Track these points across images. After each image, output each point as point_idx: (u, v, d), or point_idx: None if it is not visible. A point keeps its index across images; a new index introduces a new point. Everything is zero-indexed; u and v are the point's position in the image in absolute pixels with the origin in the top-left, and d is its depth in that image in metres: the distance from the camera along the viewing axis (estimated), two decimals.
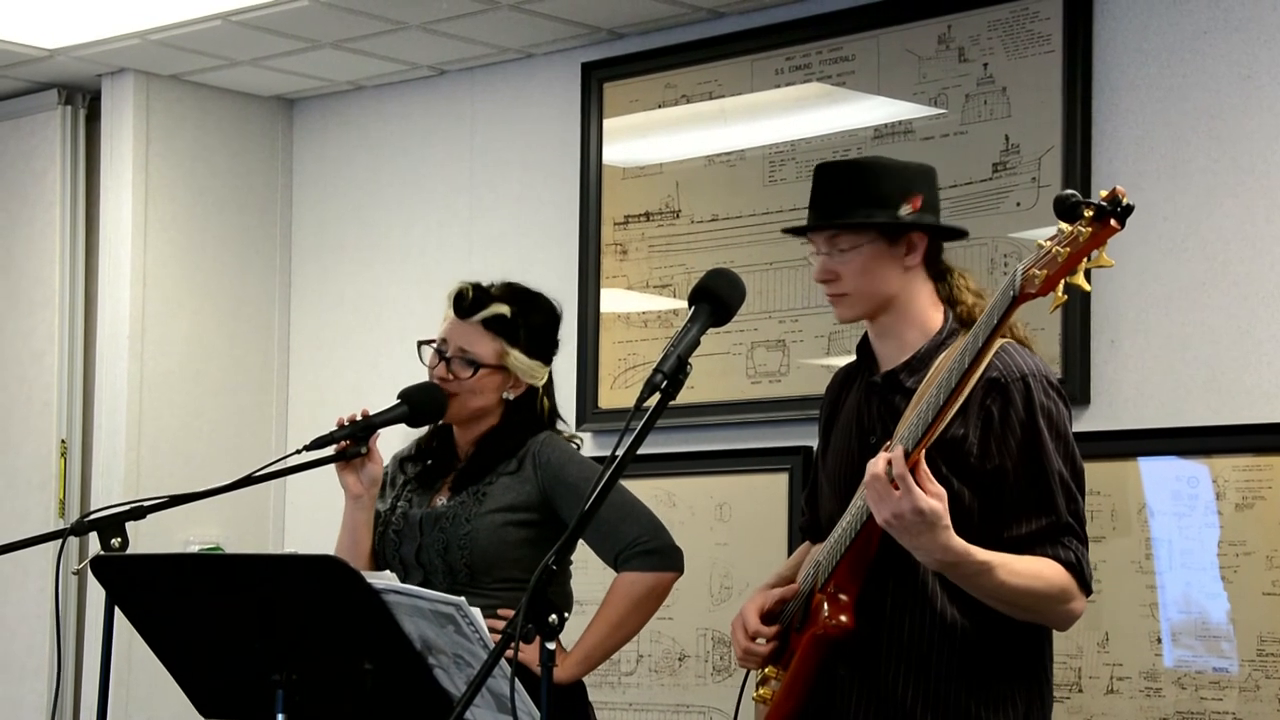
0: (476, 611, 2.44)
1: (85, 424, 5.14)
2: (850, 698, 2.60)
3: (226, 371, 5.16)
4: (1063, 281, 2.29)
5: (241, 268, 5.21)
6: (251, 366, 5.21)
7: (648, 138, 4.59)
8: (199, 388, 5.10)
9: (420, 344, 3.23)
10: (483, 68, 4.91)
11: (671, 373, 2.35)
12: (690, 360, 2.38)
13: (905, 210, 2.59)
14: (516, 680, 2.24)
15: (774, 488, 4.27)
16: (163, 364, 5.04)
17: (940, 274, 2.67)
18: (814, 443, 4.20)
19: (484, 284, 3.24)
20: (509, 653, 2.20)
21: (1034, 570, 2.51)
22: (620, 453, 2.28)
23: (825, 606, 2.53)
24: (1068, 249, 2.27)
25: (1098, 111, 3.89)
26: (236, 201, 5.21)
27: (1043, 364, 2.60)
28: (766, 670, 2.66)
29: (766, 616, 2.69)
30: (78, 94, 5.20)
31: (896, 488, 2.38)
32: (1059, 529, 2.54)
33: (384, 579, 2.54)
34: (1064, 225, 2.29)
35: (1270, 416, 3.65)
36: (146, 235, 5.03)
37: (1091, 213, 2.25)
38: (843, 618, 2.52)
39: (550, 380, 3.26)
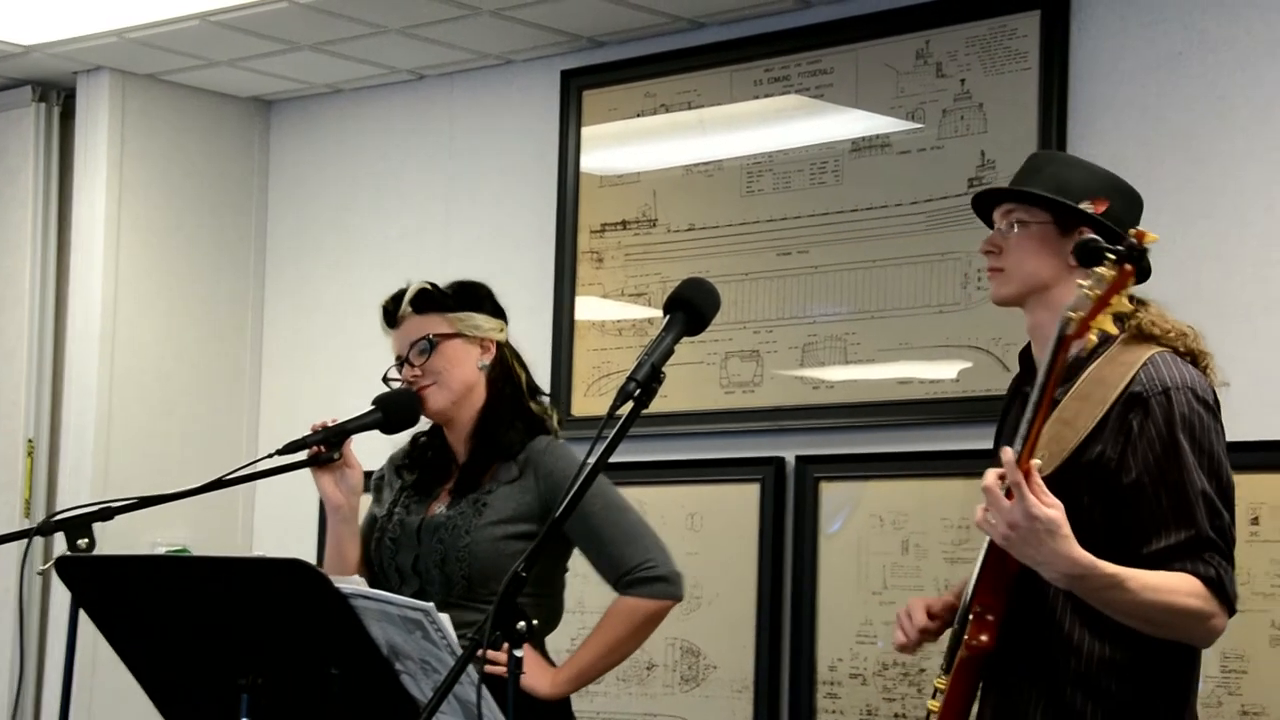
0: (445, 618, 2.43)
1: (53, 423, 5.11)
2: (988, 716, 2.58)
3: (197, 373, 5.14)
4: (1094, 324, 2.38)
5: (215, 269, 5.19)
6: (223, 369, 5.19)
7: (626, 146, 4.59)
8: (169, 389, 5.08)
9: (385, 379, 3.21)
10: (462, 73, 4.90)
11: (645, 381, 2.34)
12: (664, 369, 2.37)
13: (1086, 205, 2.59)
14: (484, 688, 2.23)
15: (746, 498, 4.26)
16: (133, 364, 5.02)
17: None
18: (786, 454, 4.24)
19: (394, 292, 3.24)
20: (487, 666, 2.19)
21: (1169, 585, 2.43)
22: (592, 461, 2.27)
23: (969, 626, 2.50)
24: (1095, 294, 2.35)
25: (1073, 129, 3.90)
26: (211, 202, 5.19)
27: (1194, 375, 2.55)
28: (936, 681, 2.60)
29: (935, 617, 2.67)
30: (53, 91, 5.17)
31: (1011, 496, 2.37)
32: (1200, 543, 2.46)
33: (352, 583, 2.53)
34: (1092, 270, 2.37)
35: (1241, 435, 3.63)
36: (119, 234, 5.01)
37: (1114, 257, 2.35)
38: (983, 637, 2.48)
39: (516, 352, 3.25)
